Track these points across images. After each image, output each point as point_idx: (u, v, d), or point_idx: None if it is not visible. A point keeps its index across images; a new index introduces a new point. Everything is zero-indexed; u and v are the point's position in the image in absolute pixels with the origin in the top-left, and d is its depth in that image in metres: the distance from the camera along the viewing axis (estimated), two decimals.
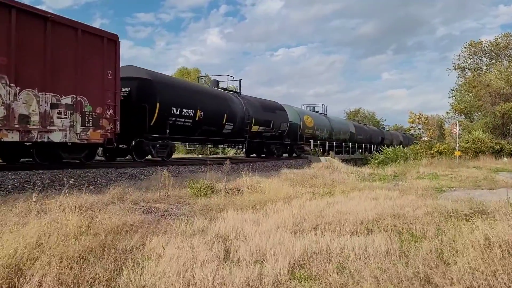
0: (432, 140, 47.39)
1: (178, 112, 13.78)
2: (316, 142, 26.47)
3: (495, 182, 13.39)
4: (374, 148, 37.74)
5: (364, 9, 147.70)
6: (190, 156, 28.04)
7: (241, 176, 11.79)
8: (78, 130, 9.70)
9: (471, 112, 39.37)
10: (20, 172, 8.45)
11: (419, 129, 66.99)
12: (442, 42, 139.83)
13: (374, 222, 6.18)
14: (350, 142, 33.91)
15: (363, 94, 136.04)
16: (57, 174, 8.94)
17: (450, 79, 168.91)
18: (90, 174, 9.71)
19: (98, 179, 9.65)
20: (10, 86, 8.15)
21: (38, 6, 12.27)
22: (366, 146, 37.41)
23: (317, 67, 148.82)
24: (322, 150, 27.28)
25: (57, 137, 9.19)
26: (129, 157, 13.81)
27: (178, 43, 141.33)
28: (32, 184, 8.03)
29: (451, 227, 5.61)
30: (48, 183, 8.39)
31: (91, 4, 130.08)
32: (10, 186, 7.72)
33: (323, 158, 23.46)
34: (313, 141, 25.93)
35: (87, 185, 7.96)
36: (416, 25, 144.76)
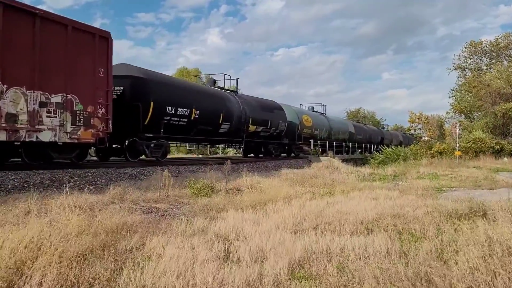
0: (431, 140, 47.37)
1: (172, 111, 13.59)
2: (316, 142, 26.45)
3: (495, 182, 13.38)
4: (374, 148, 37.73)
5: (364, 9, 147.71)
6: (190, 156, 28.05)
7: (241, 176, 11.79)
8: (69, 129, 9.47)
9: (471, 112, 39.40)
10: (20, 172, 8.45)
11: (419, 129, 67.03)
12: (443, 42, 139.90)
13: (374, 222, 6.18)
14: (350, 142, 33.87)
15: (364, 94, 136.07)
16: (57, 174, 8.94)
17: (450, 79, 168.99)
18: (90, 174, 9.71)
19: (98, 179, 9.64)
20: None
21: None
22: (365, 146, 37.40)
23: (317, 67, 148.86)
24: (321, 150, 27.24)
25: (46, 136, 8.97)
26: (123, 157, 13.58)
27: (179, 43, 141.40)
28: (32, 184, 8.03)
29: (451, 227, 5.61)
30: (48, 183, 8.39)
31: (92, 4, 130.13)
32: (10, 186, 7.72)
33: (324, 158, 23.44)
34: (313, 141, 25.92)
35: (88, 185, 7.96)
36: (416, 25, 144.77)
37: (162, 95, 13.29)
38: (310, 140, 25.88)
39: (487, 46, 39.66)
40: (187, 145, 25.93)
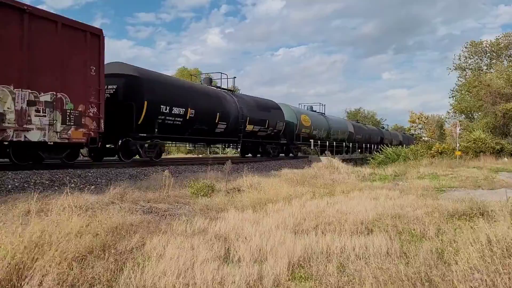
0: (431, 140, 47.37)
1: (167, 110, 13.40)
2: (316, 142, 26.42)
3: (496, 182, 13.37)
4: (374, 148, 37.71)
5: (365, 8, 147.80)
6: (190, 156, 28.06)
7: (241, 176, 11.78)
8: (59, 129, 9.25)
9: (472, 112, 39.37)
10: (20, 172, 8.44)
11: (420, 129, 67.02)
12: (443, 42, 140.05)
13: (375, 222, 6.18)
14: (349, 142, 33.85)
15: (364, 93, 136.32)
16: (57, 174, 8.94)
17: (451, 79, 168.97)
18: (90, 174, 9.72)
19: (99, 179, 9.65)
20: None
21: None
22: (365, 146, 37.38)
23: (318, 67, 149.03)
24: (320, 150, 27.20)
25: (35, 136, 8.76)
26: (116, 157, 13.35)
27: (179, 43, 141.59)
28: (32, 184, 8.03)
29: (452, 227, 5.61)
30: (48, 183, 8.39)
31: (92, 4, 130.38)
32: (10, 186, 7.72)
33: (323, 158, 23.42)
34: (313, 141, 25.89)
35: (88, 185, 7.95)
36: (416, 25, 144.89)
37: (157, 94, 13.06)
38: (310, 140, 25.85)
39: (488, 46, 39.69)
40: (187, 145, 25.87)
